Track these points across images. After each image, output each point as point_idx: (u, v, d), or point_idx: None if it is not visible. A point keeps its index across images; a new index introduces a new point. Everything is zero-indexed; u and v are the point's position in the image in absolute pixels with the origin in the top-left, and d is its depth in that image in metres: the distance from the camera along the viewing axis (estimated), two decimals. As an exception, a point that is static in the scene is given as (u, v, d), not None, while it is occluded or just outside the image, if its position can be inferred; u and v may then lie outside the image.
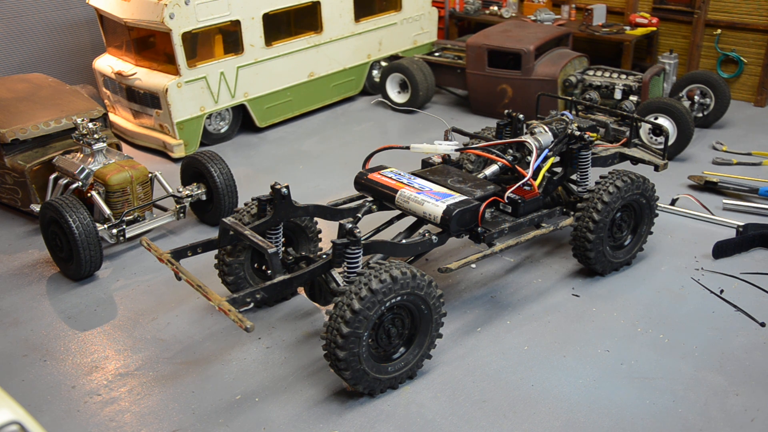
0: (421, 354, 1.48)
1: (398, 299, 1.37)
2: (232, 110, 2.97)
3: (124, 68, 2.85)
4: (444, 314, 1.49)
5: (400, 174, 1.77)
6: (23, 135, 2.19)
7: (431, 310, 1.44)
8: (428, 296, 1.42)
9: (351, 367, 1.35)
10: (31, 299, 1.86)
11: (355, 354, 1.34)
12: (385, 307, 1.36)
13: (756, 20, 3.20)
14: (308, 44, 3.11)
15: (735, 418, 1.37)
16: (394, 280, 1.35)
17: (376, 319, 1.36)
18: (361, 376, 1.38)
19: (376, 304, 1.33)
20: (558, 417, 1.38)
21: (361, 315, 1.32)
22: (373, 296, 1.33)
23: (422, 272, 1.42)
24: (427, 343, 1.48)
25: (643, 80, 2.82)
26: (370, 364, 1.39)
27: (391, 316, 1.41)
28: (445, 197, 1.64)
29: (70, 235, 1.83)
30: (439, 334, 1.50)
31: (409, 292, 1.39)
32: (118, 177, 2.04)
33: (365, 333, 1.34)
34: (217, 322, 1.71)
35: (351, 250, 1.48)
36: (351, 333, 1.32)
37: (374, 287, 1.33)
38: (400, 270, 1.37)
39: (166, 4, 2.58)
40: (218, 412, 1.42)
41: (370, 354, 1.39)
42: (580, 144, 1.83)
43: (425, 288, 1.41)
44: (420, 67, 3.21)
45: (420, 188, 1.68)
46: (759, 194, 2.22)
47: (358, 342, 1.34)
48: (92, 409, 1.45)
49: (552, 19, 3.72)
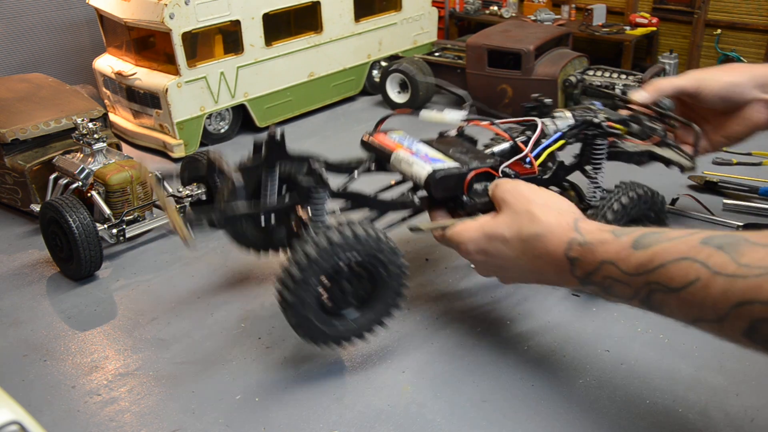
0: (374, 319, 1.48)
1: (356, 257, 1.37)
2: (232, 110, 2.97)
3: (124, 68, 2.85)
4: (406, 286, 1.48)
5: (404, 137, 1.75)
6: (23, 135, 2.19)
7: (391, 277, 1.44)
8: (390, 263, 1.42)
9: (296, 311, 1.37)
10: (31, 299, 1.86)
11: (301, 299, 1.35)
12: (342, 262, 1.36)
13: (756, 20, 3.20)
14: (308, 44, 3.11)
15: (735, 418, 1.37)
16: (356, 238, 1.35)
17: (330, 270, 1.37)
18: (304, 322, 1.39)
19: (332, 256, 1.34)
20: (558, 417, 1.38)
21: (314, 264, 1.33)
22: (330, 248, 1.33)
23: (390, 239, 1.42)
24: (383, 309, 1.48)
25: (643, 80, 2.82)
26: (316, 314, 1.39)
27: (349, 273, 1.41)
28: (436, 162, 1.60)
29: (70, 235, 1.83)
30: (397, 304, 1.49)
31: (370, 253, 1.38)
32: (118, 177, 2.04)
33: (315, 281, 1.35)
34: (217, 322, 1.71)
35: (316, 192, 1.48)
36: (301, 278, 1.33)
37: (334, 240, 1.34)
38: (365, 230, 1.38)
39: (166, 4, 2.58)
40: (218, 412, 1.42)
41: (318, 304, 1.40)
42: (596, 132, 1.73)
43: (388, 254, 1.41)
44: (420, 67, 3.21)
45: (416, 152, 1.66)
46: (759, 194, 2.22)
47: (306, 288, 1.34)
48: (92, 409, 1.45)
49: (552, 19, 3.72)
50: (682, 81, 1.76)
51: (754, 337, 0.80)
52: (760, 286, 0.77)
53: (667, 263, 0.91)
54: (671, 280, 0.90)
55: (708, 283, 0.84)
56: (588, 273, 1.12)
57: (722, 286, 0.82)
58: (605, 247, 1.08)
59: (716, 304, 0.83)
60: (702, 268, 0.85)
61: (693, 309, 0.88)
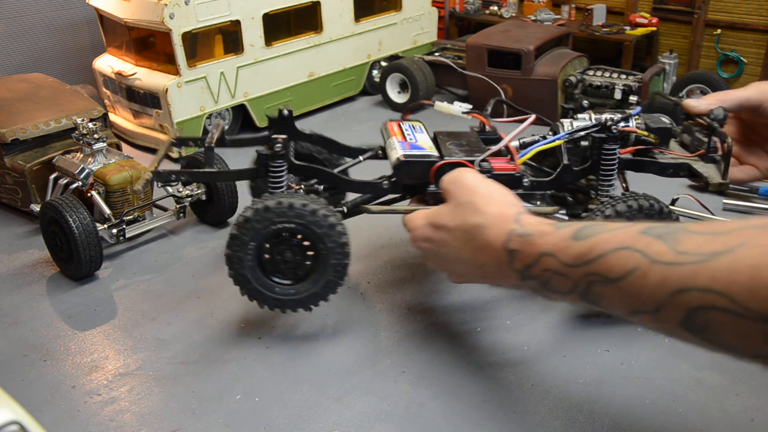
0: (313, 292, 1.55)
1: (290, 225, 1.47)
2: (232, 110, 2.97)
3: (124, 68, 2.85)
4: (345, 263, 1.53)
5: (413, 126, 1.75)
6: (23, 135, 2.19)
7: (329, 252, 1.50)
8: (326, 237, 1.49)
9: (234, 267, 1.51)
10: (31, 299, 1.86)
11: (239, 257, 1.49)
12: (276, 228, 1.48)
13: (756, 20, 3.20)
14: (308, 44, 3.11)
15: (735, 418, 1.37)
16: (289, 207, 1.46)
17: (266, 234, 1.48)
18: (242, 279, 1.52)
19: (266, 220, 1.46)
20: (558, 417, 1.38)
21: (249, 224, 1.46)
22: (266, 213, 1.46)
23: (330, 214, 1.49)
24: (321, 283, 1.54)
25: (643, 80, 2.82)
26: (254, 274, 1.52)
27: (289, 240, 1.51)
28: (415, 149, 1.61)
29: (70, 235, 1.83)
30: (338, 280, 1.55)
31: (303, 223, 1.47)
32: (118, 177, 2.04)
33: (251, 242, 1.48)
34: (217, 322, 1.71)
35: (274, 163, 1.60)
36: (238, 236, 1.48)
37: (269, 205, 1.46)
38: (302, 202, 1.47)
39: (166, 4, 2.58)
40: (218, 412, 1.42)
41: (257, 265, 1.52)
42: (605, 135, 1.58)
43: (324, 228, 1.48)
44: (420, 67, 3.21)
45: (408, 139, 1.67)
46: (759, 194, 2.22)
47: (242, 247, 1.48)
48: (92, 409, 1.45)
49: (552, 19, 3.72)
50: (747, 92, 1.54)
51: (690, 327, 0.80)
52: (697, 273, 0.76)
53: (607, 253, 0.90)
54: (610, 270, 0.89)
55: (646, 271, 0.83)
56: (527, 266, 1.10)
57: (660, 274, 0.81)
58: (545, 238, 1.07)
59: (654, 293, 0.82)
60: (641, 257, 0.84)
61: (631, 299, 0.87)
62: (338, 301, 1.78)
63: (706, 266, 0.75)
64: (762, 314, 0.69)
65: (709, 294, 0.74)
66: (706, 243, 0.77)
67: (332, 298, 1.82)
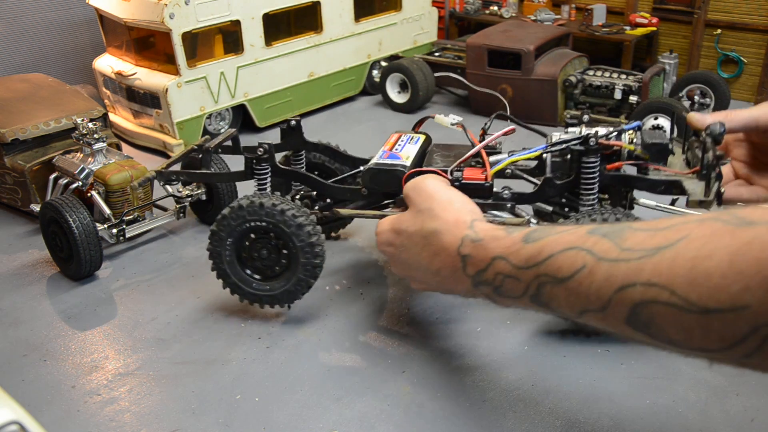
0: (286, 289, 1.61)
1: (262, 223, 1.55)
2: (232, 110, 2.97)
3: (124, 68, 2.85)
4: (315, 263, 1.58)
5: (411, 138, 1.78)
6: (23, 135, 2.19)
7: (299, 251, 1.56)
8: (295, 236, 1.55)
9: (215, 261, 1.60)
10: (31, 299, 1.86)
11: (218, 251, 1.58)
12: (249, 225, 1.55)
13: (756, 20, 3.20)
14: (308, 44, 3.11)
15: (735, 418, 1.37)
16: (260, 206, 1.53)
17: (242, 230, 1.56)
18: (223, 273, 1.62)
19: (240, 218, 1.54)
20: (558, 417, 1.38)
21: (226, 221, 1.55)
22: (240, 211, 1.54)
23: (300, 215, 1.54)
24: (294, 281, 1.60)
25: (643, 80, 2.82)
26: (233, 269, 1.60)
27: (264, 239, 1.59)
28: (390, 158, 1.67)
29: (70, 234, 1.83)
30: (309, 279, 1.60)
31: (273, 222, 1.54)
32: (118, 177, 2.04)
33: (227, 238, 1.56)
34: (217, 322, 1.72)
35: (258, 166, 1.68)
36: (215, 233, 1.57)
37: (243, 204, 1.54)
38: (273, 202, 1.54)
39: (166, 4, 2.58)
40: (218, 412, 1.42)
41: (235, 261, 1.60)
42: (584, 148, 1.53)
43: (293, 227, 1.54)
44: (420, 67, 3.21)
45: (395, 150, 1.71)
46: None
47: (220, 243, 1.57)
48: (92, 409, 1.45)
49: (552, 19, 3.72)
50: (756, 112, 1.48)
51: (635, 324, 0.80)
52: (641, 268, 0.77)
53: (556, 253, 0.92)
54: (559, 270, 0.91)
55: (593, 269, 0.84)
56: (479, 270, 1.13)
57: (605, 272, 0.83)
58: (497, 242, 1.10)
59: (600, 290, 0.84)
60: (588, 255, 0.86)
61: (580, 299, 0.88)
62: (338, 301, 1.78)
63: (649, 261, 0.76)
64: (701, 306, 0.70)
65: (652, 288, 0.75)
66: (650, 239, 0.79)
67: (333, 298, 1.82)
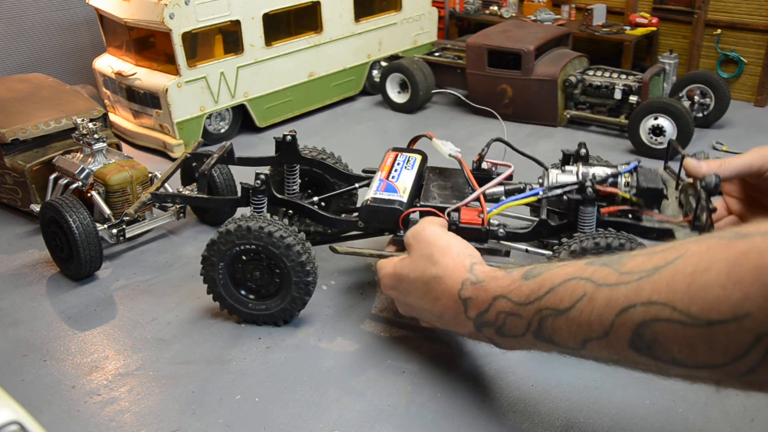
0: (282, 307, 1.63)
1: (251, 246, 1.56)
2: (232, 110, 2.97)
3: (124, 68, 2.85)
4: (308, 281, 1.59)
5: (408, 159, 1.78)
6: (23, 135, 2.19)
7: (290, 271, 1.58)
8: (284, 256, 1.56)
9: (210, 285, 1.63)
10: (31, 299, 1.86)
11: (211, 276, 1.61)
12: (239, 249, 1.57)
13: (756, 20, 3.20)
14: (308, 44, 3.11)
15: (735, 418, 1.37)
16: (248, 230, 1.55)
17: (232, 254, 1.58)
18: (219, 297, 1.64)
19: (229, 243, 1.56)
20: (558, 417, 1.38)
21: (215, 246, 1.58)
22: (228, 236, 1.56)
23: (288, 236, 1.55)
24: (288, 299, 1.62)
25: (643, 80, 2.82)
26: (228, 291, 1.62)
27: (255, 261, 1.60)
28: (388, 191, 1.66)
29: (70, 235, 1.83)
30: (303, 297, 1.62)
31: (262, 245, 1.55)
32: (118, 177, 2.04)
33: (219, 262, 1.58)
34: (217, 322, 1.72)
35: (255, 196, 1.71)
36: (206, 258, 1.59)
37: (230, 229, 1.56)
38: (260, 225, 1.55)
39: (166, 4, 2.58)
40: (218, 412, 1.42)
41: (229, 283, 1.62)
42: (581, 196, 1.49)
43: (282, 248, 1.55)
44: (420, 67, 3.21)
45: (389, 177, 1.70)
46: (759, 194, 2.21)
47: (213, 267, 1.59)
48: (92, 409, 1.45)
49: (552, 19, 3.72)
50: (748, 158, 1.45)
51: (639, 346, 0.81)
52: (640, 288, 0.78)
53: (556, 286, 0.94)
54: (560, 302, 0.92)
55: (593, 296, 0.86)
56: (481, 312, 1.15)
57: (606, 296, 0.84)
58: (497, 282, 1.12)
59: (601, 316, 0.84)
60: (587, 283, 0.87)
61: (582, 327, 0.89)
62: (338, 301, 1.78)
63: (648, 281, 0.77)
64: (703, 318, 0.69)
65: (653, 307, 0.75)
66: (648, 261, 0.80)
67: (333, 299, 1.82)
